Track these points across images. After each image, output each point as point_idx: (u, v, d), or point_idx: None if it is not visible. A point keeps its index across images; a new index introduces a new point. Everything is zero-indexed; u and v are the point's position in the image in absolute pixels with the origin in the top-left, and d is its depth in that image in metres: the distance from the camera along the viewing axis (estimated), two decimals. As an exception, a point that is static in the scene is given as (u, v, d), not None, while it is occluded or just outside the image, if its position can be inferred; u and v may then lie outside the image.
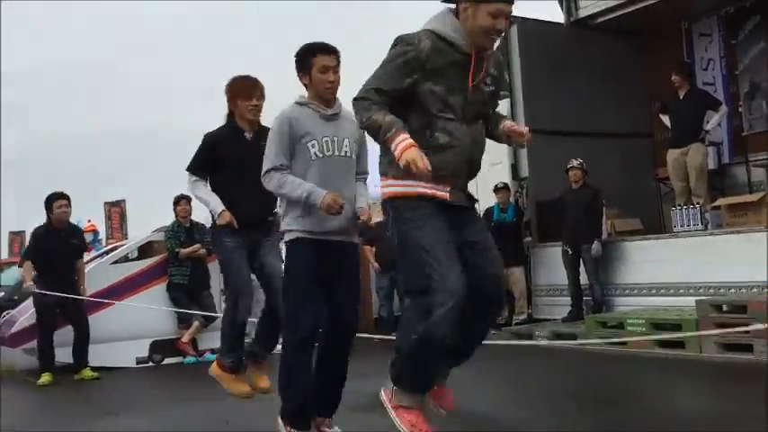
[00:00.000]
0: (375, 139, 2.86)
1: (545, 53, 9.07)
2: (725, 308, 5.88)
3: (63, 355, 7.04)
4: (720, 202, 7.46)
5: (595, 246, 7.64)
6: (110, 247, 9.01)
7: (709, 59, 9.26)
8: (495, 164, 9.43)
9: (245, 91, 4.11)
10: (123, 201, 18.59)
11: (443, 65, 2.83)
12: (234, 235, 4.09)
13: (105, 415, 5.15)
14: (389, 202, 2.94)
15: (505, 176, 9.03)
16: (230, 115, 4.21)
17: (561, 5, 9.48)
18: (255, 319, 4.28)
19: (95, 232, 9.89)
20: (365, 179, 3.89)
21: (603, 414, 4.19)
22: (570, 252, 7.85)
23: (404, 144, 2.71)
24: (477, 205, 3.24)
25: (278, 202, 4.10)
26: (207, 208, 4.20)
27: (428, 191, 2.87)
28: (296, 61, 3.54)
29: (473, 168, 3.02)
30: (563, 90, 9.13)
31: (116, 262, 7.98)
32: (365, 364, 7.59)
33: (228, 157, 4.10)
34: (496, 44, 3.04)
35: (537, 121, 8.84)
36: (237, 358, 4.16)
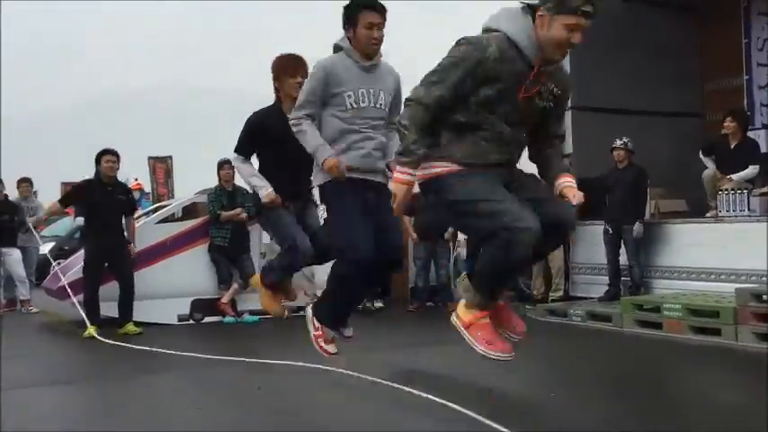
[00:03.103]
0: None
1: (596, 27, 8.74)
2: (765, 297, 5.78)
3: (109, 309, 7.29)
4: (768, 189, 7.29)
5: (637, 227, 7.56)
6: (156, 206, 9.25)
7: (765, 39, 8.96)
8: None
9: (290, 69, 4.24)
10: (170, 157, 18.81)
11: (504, 72, 2.78)
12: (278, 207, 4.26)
13: (145, 373, 5.34)
14: (433, 181, 2.93)
15: (549, 152, 8.94)
16: (276, 93, 4.33)
17: (616, -21, 9.24)
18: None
19: (141, 191, 10.13)
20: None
21: (629, 399, 4.21)
22: (611, 232, 7.78)
23: (402, 178, 2.86)
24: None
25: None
26: (251, 185, 4.34)
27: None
28: (343, 14, 3.64)
29: (511, 160, 3.00)
30: (612, 66, 8.95)
31: (161, 221, 8.19)
32: (398, 334, 7.71)
33: (273, 138, 4.23)
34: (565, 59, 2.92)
35: (584, 97, 8.72)
36: (279, 279, 4.29)
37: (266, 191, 4.21)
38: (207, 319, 7.96)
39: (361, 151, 3.60)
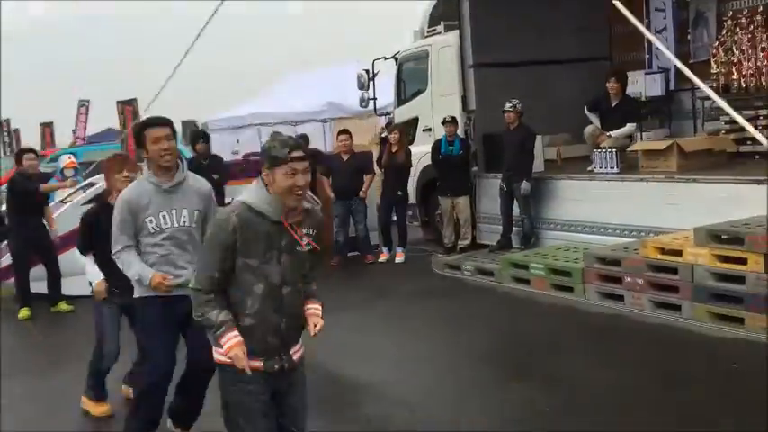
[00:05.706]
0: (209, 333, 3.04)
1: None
2: (608, 259, 6.38)
3: (42, 287, 7.92)
4: (636, 147, 7.78)
5: (524, 185, 8.08)
6: (88, 182, 9.62)
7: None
8: (446, 96, 9.71)
9: (116, 166, 4.61)
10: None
11: (254, 236, 2.95)
12: (108, 302, 4.70)
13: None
14: (219, 367, 3.09)
15: (456, 109, 9.34)
16: (106, 189, 4.81)
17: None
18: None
19: (76, 168, 10.56)
20: None
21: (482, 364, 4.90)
22: (504, 188, 8.33)
23: (231, 343, 2.95)
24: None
25: None
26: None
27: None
28: (134, 140, 4.03)
29: (287, 336, 3.09)
30: (514, 18, 9.21)
31: (89, 202, 8.65)
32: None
33: (101, 236, 4.38)
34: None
35: (484, 53, 9.10)
36: (102, 391, 4.87)
37: (98, 280, 4.64)
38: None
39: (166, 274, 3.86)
